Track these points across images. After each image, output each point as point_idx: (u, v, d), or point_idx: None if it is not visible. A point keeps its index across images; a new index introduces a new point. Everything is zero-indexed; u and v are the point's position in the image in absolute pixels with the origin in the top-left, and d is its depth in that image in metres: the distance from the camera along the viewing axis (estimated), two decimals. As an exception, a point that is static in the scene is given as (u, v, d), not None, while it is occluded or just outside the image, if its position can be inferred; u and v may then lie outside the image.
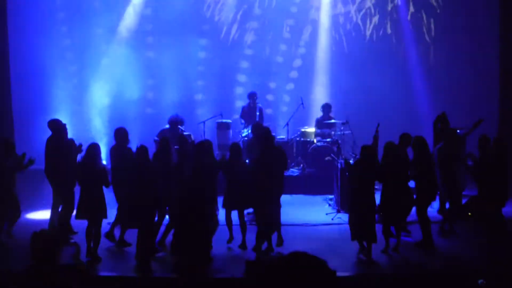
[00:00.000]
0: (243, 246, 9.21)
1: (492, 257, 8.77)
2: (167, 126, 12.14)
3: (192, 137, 11.86)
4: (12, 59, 14.23)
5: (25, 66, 14.97)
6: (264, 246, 8.99)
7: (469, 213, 10.75)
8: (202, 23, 15.73)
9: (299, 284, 2.41)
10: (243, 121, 13.86)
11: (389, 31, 15.72)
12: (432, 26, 15.67)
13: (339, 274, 2.70)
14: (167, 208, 9.24)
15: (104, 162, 9.20)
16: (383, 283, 7.92)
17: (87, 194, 8.68)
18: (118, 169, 9.34)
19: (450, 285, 7.72)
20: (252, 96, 13.86)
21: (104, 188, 8.84)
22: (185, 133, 11.82)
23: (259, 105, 13.95)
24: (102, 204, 8.77)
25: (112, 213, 9.25)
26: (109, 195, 9.14)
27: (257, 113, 13.70)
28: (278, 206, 9.15)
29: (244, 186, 9.20)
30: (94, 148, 8.84)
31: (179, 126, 12.09)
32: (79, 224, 9.34)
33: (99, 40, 15.41)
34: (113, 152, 9.63)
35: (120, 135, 9.59)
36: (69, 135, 9.96)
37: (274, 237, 9.10)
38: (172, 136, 11.00)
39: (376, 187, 11.47)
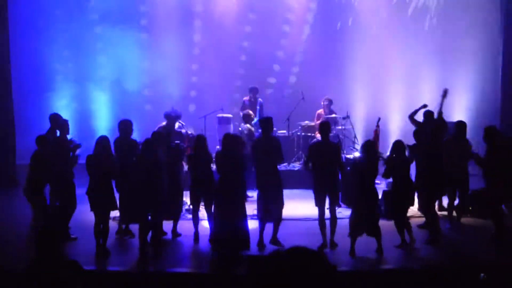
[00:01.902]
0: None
1: (493, 252, 8.81)
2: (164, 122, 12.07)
3: (192, 130, 11.86)
4: (13, 57, 14.24)
5: (25, 64, 14.96)
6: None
7: (470, 208, 10.79)
8: (202, 17, 15.72)
9: (299, 279, 2.42)
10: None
11: (390, 23, 15.67)
12: (433, 17, 15.65)
13: (339, 269, 2.69)
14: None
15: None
16: (383, 278, 7.93)
17: (97, 186, 8.71)
18: (122, 161, 9.32)
19: (451, 280, 7.72)
20: (253, 90, 13.89)
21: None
22: (185, 129, 11.82)
23: (260, 99, 13.97)
24: (112, 196, 8.84)
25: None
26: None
27: (258, 107, 13.74)
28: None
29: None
30: (104, 140, 8.87)
31: (179, 121, 12.06)
32: (84, 220, 9.41)
33: (98, 35, 15.41)
34: (117, 144, 9.63)
35: (124, 126, 9.59)
36: (72, 131, 9.96)
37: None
38: (169, 131, 10.96)
39: (377, 182, 11.54)
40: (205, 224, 9.43)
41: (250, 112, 12.91)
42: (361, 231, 8.74)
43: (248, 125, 12.63)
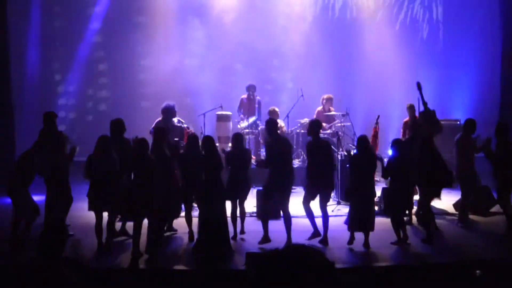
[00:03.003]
0: (241, 232, 9.36)
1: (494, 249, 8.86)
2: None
3: (191, 127, 11.89)
4: (12, 55, 14.23)
5: (25, 62, 14.96)
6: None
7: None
8: (201, 12, 15.72)
9: (298, 276, 2.44)
10: (241, 113, 13.89)
11: (390, 22, 15.69)
12: (434, 16, 15.68)
13: (337, 266, 2.72)
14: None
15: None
16: (382, 274, 7.95)
17: (100, 186, 8.72)
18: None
19: (447, 277, 7.75)
20: (250, 88, 13.93)
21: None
22: (184, 125, 11.83)
23: (258, 97, 14.01)
24: (114, 196, 8.84)
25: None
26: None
27: (256, 106, 13.78)
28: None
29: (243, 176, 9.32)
30: (105, 140, 8.88)
31: (179, 119, 12.07)
32: (85, 218, 9.42)
33: (97, 31, 15.41)
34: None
35: (115, 126, 9.57)
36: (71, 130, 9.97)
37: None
38: (166, 125, 11.00)
39: (376, 179, 11.56)
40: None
41: (276, 109, 13.01)
42: (357, 227, 8.78)
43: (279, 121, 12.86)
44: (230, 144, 10.80)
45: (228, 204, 9.39)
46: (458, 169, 10.09)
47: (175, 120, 11.74)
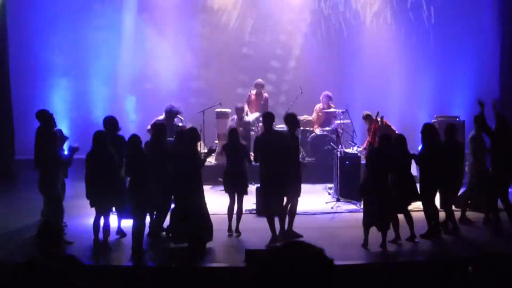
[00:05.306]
0: (236, 231, 9.32)
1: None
2: (162, 116, 12.01)
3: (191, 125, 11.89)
4: (11, 51, 14.22)
5: (24, 59, 14.93)
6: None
7: (469, 201, 10.78)
8: (201, 10, 15.71)
9: (297, 273, 2.43)
10: (247, 107, 13.93)
11: (388, 18, 15.67)
12: (432, 12, 15.65)
13: (337, 263, 2.70)
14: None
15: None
16: (381, 272, 7.93)
17: (98, 183, 8.69)
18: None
19: (441, 273, 7.73)
20: (258, 85, 13.99)
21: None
22: (180, 124, 11.83)
23: (265, 94, 14.08)
24: (112, 193, 8.78)
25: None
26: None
27: (262, 102, 13.86)
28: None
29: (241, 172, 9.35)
30: (101, 135, 8.84)
31: (179, 116, 12.07)
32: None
33: (95, 31, 15.36)
34: None
35: (109, 124, 9.52)
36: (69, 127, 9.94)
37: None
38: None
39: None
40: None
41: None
42: (371, 225, 8.72)
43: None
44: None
45: (226, 199, 9.41)
46: (474, 166, 10.07)
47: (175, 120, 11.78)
